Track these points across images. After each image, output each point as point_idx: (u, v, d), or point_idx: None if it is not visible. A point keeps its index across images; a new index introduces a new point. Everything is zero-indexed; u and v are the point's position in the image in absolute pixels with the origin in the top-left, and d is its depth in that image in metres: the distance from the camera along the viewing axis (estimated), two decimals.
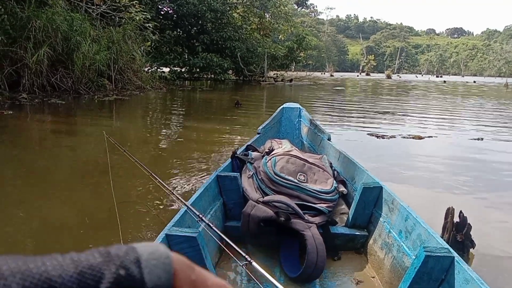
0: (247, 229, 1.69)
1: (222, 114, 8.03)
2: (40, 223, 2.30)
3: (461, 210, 2.09)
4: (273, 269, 1.62)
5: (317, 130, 3.17)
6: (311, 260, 1.51)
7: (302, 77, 27.96)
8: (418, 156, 4.46)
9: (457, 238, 2.02)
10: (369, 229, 1.80)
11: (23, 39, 8.58)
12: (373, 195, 1.78)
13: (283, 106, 3.67)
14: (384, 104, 11.13)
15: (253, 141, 2.69)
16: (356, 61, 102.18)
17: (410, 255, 1.42)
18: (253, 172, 2.02)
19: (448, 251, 1.20)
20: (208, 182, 1.78)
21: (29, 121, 6.21)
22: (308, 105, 10.57)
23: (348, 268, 1.65)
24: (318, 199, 1.88)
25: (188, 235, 1.22)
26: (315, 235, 1.61)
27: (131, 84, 11.50)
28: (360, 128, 6.34)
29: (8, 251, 1.97)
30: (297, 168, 1.99)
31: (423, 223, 1.42)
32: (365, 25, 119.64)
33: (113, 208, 2.07)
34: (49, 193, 2.84)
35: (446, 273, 1.20)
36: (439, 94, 17.77)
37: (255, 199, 1.83)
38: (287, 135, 3.44)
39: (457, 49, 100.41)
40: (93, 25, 10.61)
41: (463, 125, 7.16)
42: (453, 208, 2.12)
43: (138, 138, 5.16)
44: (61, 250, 0.31)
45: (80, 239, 2.10)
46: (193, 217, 1.43)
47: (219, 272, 1.55)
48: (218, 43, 20.38)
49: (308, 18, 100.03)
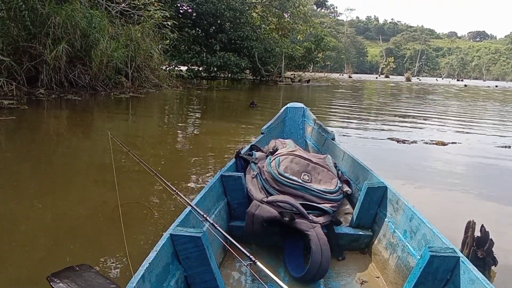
0: (252, 229, 1.69)
1: (237, 114, 7.93)
2: (54, 217, 2.32)
3: (482, 224, 1.93)
4: (277, 269, 1.62)
5: (321, 130, 3.15)
6: (315, 260, 1.50)
7: (320, 78, 27.63)
8: (441, 163, 4.25)
9: (477, 254, 1.88)
10: (374, 229, 1.79)
11: (42, 35, 8.65)
12: (377, 195, 1.76)
13: (287, 106, 3.65)
14: (404, 108, 10.85)
15: (257, 141, 2.70)
16: (375, 63, 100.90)
17: (415, 255, 1.41)
18: (257, 172, 2.02)
19: (454, 251, 1.19)
20: (212, 182, 1.77)
21: (45, 117, 6.21)
22: (326, 107, 10.38)
23: (353, 268, 1.64)
24: (322, 199, 1.87)
25: (192, 235, 1.22)
26: (319, 235, 1.61)
27: (148, 82, 11.50)
28: (380, 132, 6.14)
29: (27, 243, 1.99)
30: (301, 168, 1.99)
31: (428, 223, 1.41)
32: (385, 27, 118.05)
33: (117, 207, 2.06)
34: (62, 188, 2.81)
35: (451, 273, 1.19)
36: (461, 98, 17.30)
37: (259, 199, 1.83)
38: (291, 135, 3.44)
39: (479, 52, 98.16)
40: (112, 23, 10.65)
41: (487, 131, 6.86)
42: (474, 222, 1.97)
43: (151, 137, 5.08)
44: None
45: (86, 237, 2.03)
46: (198, 217, 1.42)
47: (224, 272, 1.54)
48: (236, 42, 20.32)
49: (328, 19, 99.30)
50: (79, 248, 1.96)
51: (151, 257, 1.11)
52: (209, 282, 1.27)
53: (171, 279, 1.19)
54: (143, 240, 2.01)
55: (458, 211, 2.83)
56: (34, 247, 1.95)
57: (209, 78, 20.71)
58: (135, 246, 1.91)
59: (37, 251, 1.91)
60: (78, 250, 1.95)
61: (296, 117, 3.56)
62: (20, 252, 1.88)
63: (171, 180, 3.11)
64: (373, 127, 6.81)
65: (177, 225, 1.29)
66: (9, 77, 8.01)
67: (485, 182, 3.59)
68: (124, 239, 1.79)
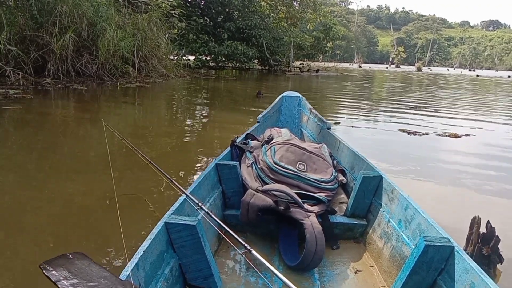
0: (246, 218, 1.68)
1: (243, 104, 7.83)
2: (56, 206, 2.32)
3: (488, 220, 1.84)
4: (272, 257, 1.63)
5: (317, 119, 3.14)
6: (310, 249, 1.50)
7: (329, 67, 27.34)
8: (454, 156, 4.12)
9: (482, 251, 1.81)
10: (368, 218, 1.79)
11: (49, 24, 8.61)
12: (372, 185, 1.76)
13: (282, 95, 3.63)
14: (415, 98, 10.65)
15: (252, 129, 2.69)
16: (386, 53, 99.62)
17: (409, 244, 1.41)
18: (252, 161, 2.01)
19: (448, 241, 1.19)
20: (207, 171, 1.76)
21: (51, 107, 6.18)
22: (335, 97, 10.24)
23: (347, 257, 1.65)
24: (317, 188, 1.87)
25: (187, 223, 1.21)
26: (314, 224, 1.60)
27: (155, 72, 11.43)
28: (390, 123, 6.01)
29: (42, 227, 2.03)
30: (296, 157, 1.98)
31: (423, 212, 1.40)
32: (396, 16, 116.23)
33: (114, 197, 2.07)
34: (66, 178, 2.79)
35: (446, 262, 1.19)
36: (473, 89, 16.97)
37: (254, 187, 1.82)
38: (287, 124, 3.43)
39: (492, 42, 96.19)
40: (119, 12, 10.56)
41: (502, 123, 6.67)
42: (479, 218, 1.88)
43: (157, 127, 5.03)
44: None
45: (86, 227, 2.00)
46: (192, 206, 1.42)
47: (218, 260, 1.53)
48: (244, 31, 20.12)
49: (338, 8, 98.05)
50: (80, 237, 1.94)
51: (145, 245, 1.09)
52: (204, 271, 1.27)
53: (166, 267, 1.19)
54: (143, 230, 1.98)
55: (469, 206, 2.73)
56: (35, 236, 1.92)
57: (217, 68, 20.58)
58: (133, 236, 1.86)
59: (37, 240, 1.86)
60: (80, 239, 1.92)
61: (291, 106, 3.56)
62: (16, 242, 1.84)
63: (176, 171, 3.07)
64: (383, 118, 6.67)
65: (171, 213, 1.29)
66: (16, 67, 8.01)
67: (499, 177, 3.46)
68: (120, 227, 1.76)
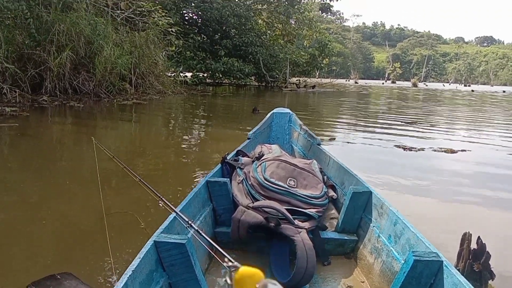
0: (237, 235, 1.69)
1: (239, 121, 7.85)
2: (52, 224, 2.30)
3: (479, 236, 1.84)
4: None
5: (307, 135, 3.16)
6: (301, 265, 1.50)
7: (326, 83, 27.54)
8: (450, 172, 4.12)
9: (473, 267, 1.80)
10: (359, 233, 1.80)
11: (47, 42, 8.69)
12: (362, 200, 1.78)
13: (273, 111, 3.67)
14: (411, 114, 10.71)
15: (243, 146, 2.69)
16: (382, 69, 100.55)
17: (399, 259, 1.42)
18: (243, 178, 2.01)
19: (437, 255, 1.20)
20: (198, 188, 1.75)
21: (46, 124, 6.18)
22: (332, 113, 10.28)
23: (338, 273, 1.65)
24: (308, 204, 1.88)
25: (176, 242, 1.20)
26: (305, 240, 1.61)
27: (152, 89, 11.49)
28: (386, 138, 6.01)
29: (32, 248, 2.00)
30: (287, 173, 1.99)
31: (412, 227, 1.41)
32: (391, 33, 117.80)
33: (102, 216, 2.07)
34: (59, 197, 2.76)
35: (435, 277, 1.20)
36: (469, 104, 17.09)
37: (245, 204, 1.82)
38: (277, 140, 3.46)
39: (487, 58, 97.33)
40: (116, 30, 10.67)
41: (498, 138, 6.70)
42: (470, 234, 1.88)
43: (153, 144, 5.02)
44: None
45: (71, 248, 1.96)
46: (182, 224, 1.41)
47: (209, 278, 1.52)
48: (240, 48, 20.33)
49: (334, 25, 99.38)
50: (71, 256, 1.91)
51: (134, 264, 1.08)
52: None
53: (155, 287, 1.17)
54: (127, 248, 1.96)
55: (464, 223, 2.71)
56: (28, 255, 1.88)
57: (214, 85, 20.71)
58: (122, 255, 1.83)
59: (30, 259, 1.83)
60: (70, 258, 1.89)
61: (282, 123, 3.59)
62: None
63: (171, 188, 3.05)
64: (379, 133, 6.68)
65: (161, 232, 1.28)
66: (13, 85, 8.03)
67: (494, 193, 3.45)
68: (109, 246, 1.76)
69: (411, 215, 2.48)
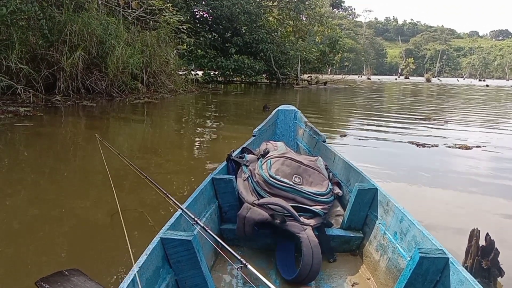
0: (243, 232, 1.69)
1: (250, 118, 7.82)
2: (62, 222, 2.32)
3: (487, 233, 1.80)
4: (268, 271, 1.63)
5: (313, 132, 3.16)
6: (306, 262, 1.51)
7: (338, 79, 27.32)
8: (465, 169, 4.03)
9: (482, 264, 1.78)
10: (364, 230, 1.80)
11: (59, 43, 8.77)
12: (368, 197, 1.78)
13: (278, 108, 3.67)
14: (425, 109, 10.55)
15: (248, 143, 2.69)
16: (395, 64, 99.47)
17: (405, 256, 1.42)
18: (248, 175, 2.01)
19: (443, 252, 1.20)
20: (203, 185, 1.76)
21: (60, 123, 6.25)
22: (344, 109, 10.19)
23: (344, 270, 1.65)
24: (313, 201, 1.88)
25: (183, 239, 1.21)
26: (310, 237, 1.61)
27: (164, 87, 11.55)
28: (400, 135, 5.93)
29: (45, 248, 2.00)
30: (292, 170, 1.99)
31: (418, 224, 1.41)
32: (404, 28, 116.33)
33: (113, 214, 2.07)
34: (72, 195, 2.78)
35: (441, 274, 1.20)
36: (484, 99, 16.77)
37: (250, 201, 1.83)
38: (283, 137, 3.46)
39: (502, 52, 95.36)
40: (128, 29, 10.74)
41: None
42: (478, 230, 1.85)
43: (165, 142, 5.03)
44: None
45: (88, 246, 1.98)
46: (188, 220, 1.42)
47: (215, 275, 1.53)
48: (251, 45, 20.29)
49: (346, 21, 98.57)
50: (83, 252, 1.92)
51: (141, 261, 1.09)
52: (200, 286, 1.27)
53: (162, 283, 1.19)
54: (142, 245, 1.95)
55: (476, 220, 2.64)
56: (43, 251, 1.90)
57: (225, 83, 20.73)
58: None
59: (44, 255, 1.85)
60: (83, 254, 1.91)
61: (287, 120, 3.59)
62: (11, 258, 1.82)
63: (181, 188, 3.05)
64: (392, 130, 6.60)
65: (167, 229, 1.29)
66: (27, 85, 8.14)
67: (509, 189, 3.37)
68: (128, 241, 1.74)
69: (423, 212, 2.45)
